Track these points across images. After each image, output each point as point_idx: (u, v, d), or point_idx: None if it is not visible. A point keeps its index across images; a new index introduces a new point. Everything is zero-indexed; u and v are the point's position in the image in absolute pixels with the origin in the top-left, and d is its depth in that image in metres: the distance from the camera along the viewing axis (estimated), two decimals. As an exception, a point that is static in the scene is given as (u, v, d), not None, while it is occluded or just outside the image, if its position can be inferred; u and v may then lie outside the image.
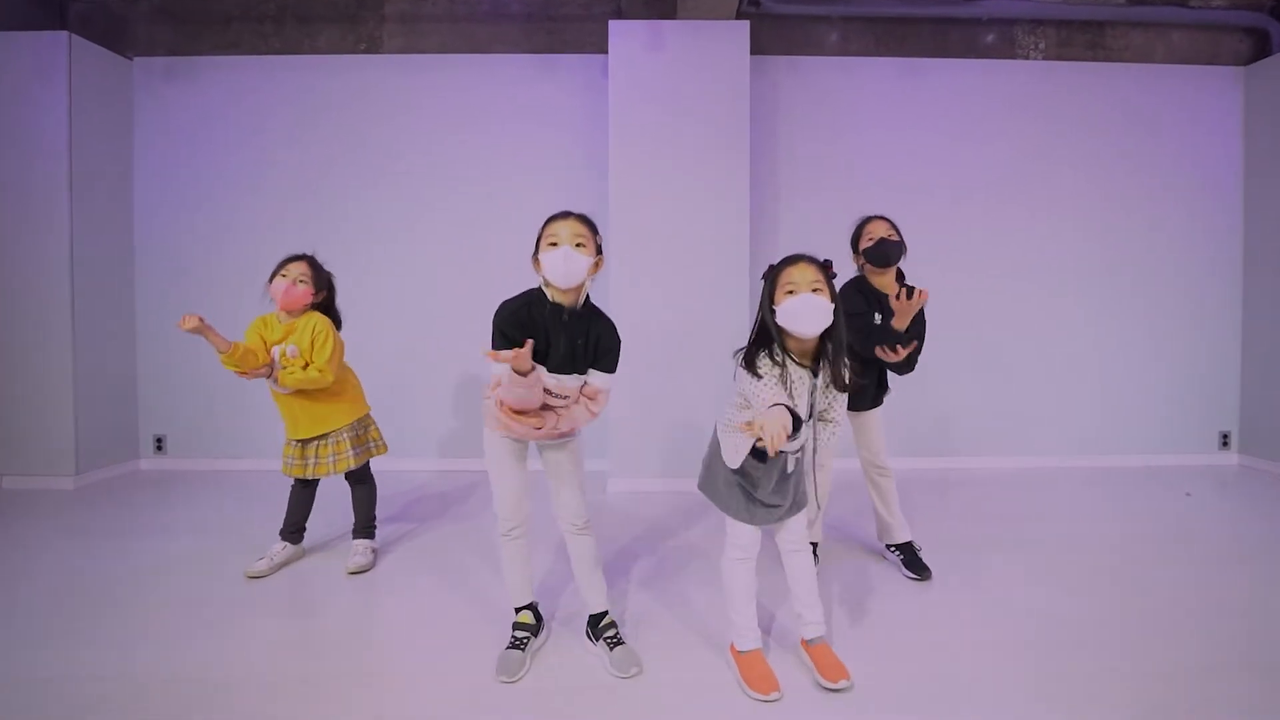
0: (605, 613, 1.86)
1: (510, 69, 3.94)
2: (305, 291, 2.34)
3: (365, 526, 2.55)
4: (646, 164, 3.53)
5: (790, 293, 1.56)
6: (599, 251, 1.70)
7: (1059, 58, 4.07)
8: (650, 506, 3.27)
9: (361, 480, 2.55)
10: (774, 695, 1.62)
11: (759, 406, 1.54)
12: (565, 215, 1.69)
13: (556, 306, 1.67)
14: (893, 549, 2.50)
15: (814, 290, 1.55)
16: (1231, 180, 4.11)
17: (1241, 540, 2.80)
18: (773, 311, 1.60)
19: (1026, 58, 4.07)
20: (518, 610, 1.87)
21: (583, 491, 1.86)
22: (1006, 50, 4.06)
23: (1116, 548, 2.70)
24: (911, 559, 2.43)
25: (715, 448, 1.77)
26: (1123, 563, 2.53)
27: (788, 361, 1.61)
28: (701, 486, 1.82)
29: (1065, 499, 3.41)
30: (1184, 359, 4.11)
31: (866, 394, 2.35)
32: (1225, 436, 4.13)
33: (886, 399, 2.47)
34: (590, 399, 1.74)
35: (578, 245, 1.63)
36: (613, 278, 3.51)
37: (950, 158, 4.03)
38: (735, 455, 1.66)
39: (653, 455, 3.59)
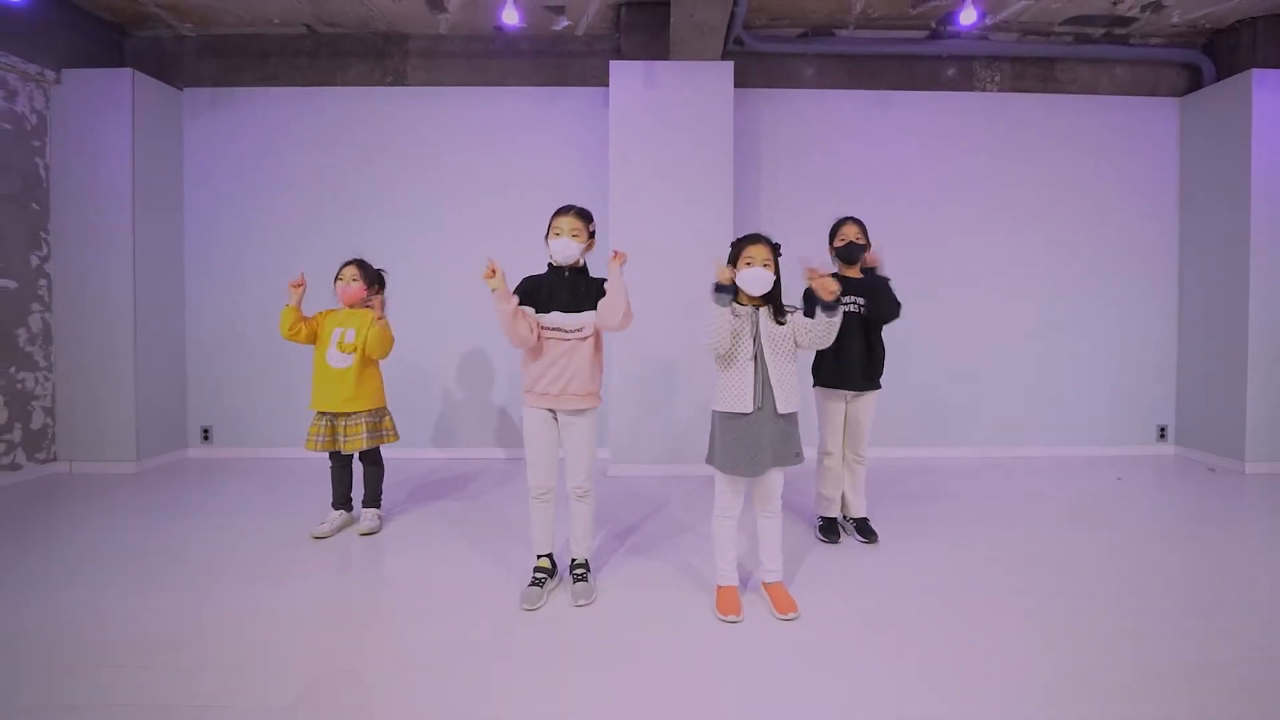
0: (583, 559, 2.37)
1: (520, 99, 4.41)
2: (359, 288, 2.92)
3: (374, 498, 3.04)
4: (643, 184, 3.99)
5: (748, 264, 2.09)
6: (591, 236, 2.29)
7: (1014, 90, 4.54)
8: (647, 488, 3.72)
9: (374, 461, 3.04)
10: (731, 617, 2.10)
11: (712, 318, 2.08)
12: (565, 212, 2.27)
13: (559, 269, 2.26)
14: (848, 519, 2.96)
15: (764, 265, 2.09)
16: (1169, 198, 4.57)
17: (1160, 516, 3.27)
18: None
19: (984, 90, 4.53)
20: (538, 557, 2.34)
21: (589, 466, 2.32)
22: (966, 83, 4.53)
23: (1048, 521, 3.16)
24: (863, 526, 2.89)
25: (718, 423, 2.16)
26: (1050, 531, 3.00)
27: (735, 307, 2.13)
28: (708, 460, 2.21)
29: (1010, 484, 3.86)
30: (1126, 360, 4.58)
31: (857, 372, 2.74)
32: (1163, 429, 4.59)
33: (882, 383, 2.84)
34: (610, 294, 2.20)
35: (573, 235, 2.22)
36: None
37: (915, 179, 4.49)
38: (734, 393, 2.09)
39: (649, 445, 4.05)
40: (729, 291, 2.07)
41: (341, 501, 2.99)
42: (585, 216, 2.28)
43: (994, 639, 2.03)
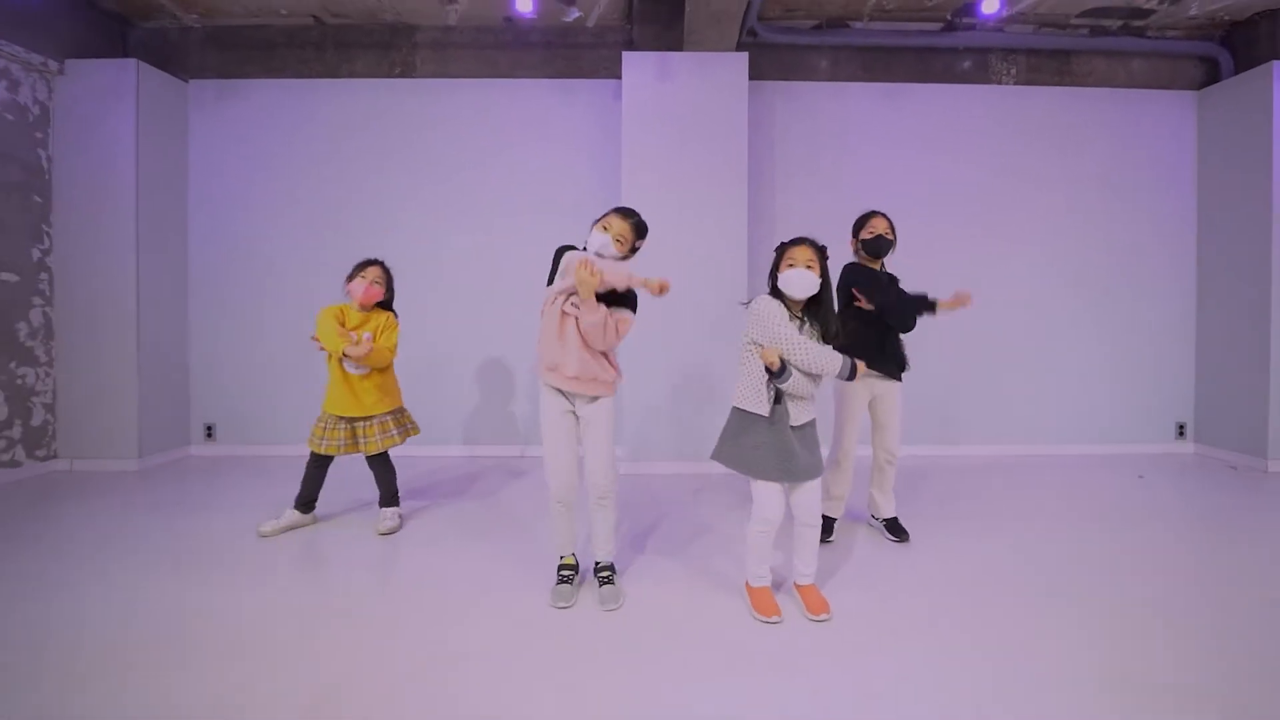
0: (608, 561, 2.28)
1: (530, 92, 4.34)
2: (379, 291, 2.83)
3: (391, 496, 2.96)
4: (655, 178, 3.92)
5: (791, 265, 2.03)
6: (634, 252, 2.22)
7: (1029, 83, 4.48)
8: (661, 486, 3.64)
9: (383, 461, 2.95)
10: (775, 618, 2.03)
11: (781, 333, 1.99)
12: (626, 216, 2.17)
13: None
14: (877, 519, 2.89)
15: (808, 267, 2.02)
16: (1186, 194, 4.52)
17: (1184, 515, 3.20)
18: (775, 277, 2.06)
19: (1000, 83, 4.48)
20: (562, 556, 2.28)
21: (609, 464, 2.21)
22: (981, 76, 4.47)
23: (1071, 520, 3.09)
24: (893, 525, 2.82)
25: (737, 422, 2.09)
26: (1074, 530, 2.93)
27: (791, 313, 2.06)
28: (716, 455, 2.13)
29: (1031, 481, 3.79)
30: (1144, 357, 4.51)
31: (892, 361, 2.70)
32: (1181, 427, 4.52)
33: (905, 377, 2.79)
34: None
35: (617, 240, 2.14)
36: (625, 281, 3.89)
37: (931, 173, 4.43)
38: (758, 394, 2.02)
39: (663, 441, 3.97)
40: (785, 372, 1.98)
41: (306, 503, 2.88)
42: (640, 230, 2.19)
43: (1027, 638, 1.96)
